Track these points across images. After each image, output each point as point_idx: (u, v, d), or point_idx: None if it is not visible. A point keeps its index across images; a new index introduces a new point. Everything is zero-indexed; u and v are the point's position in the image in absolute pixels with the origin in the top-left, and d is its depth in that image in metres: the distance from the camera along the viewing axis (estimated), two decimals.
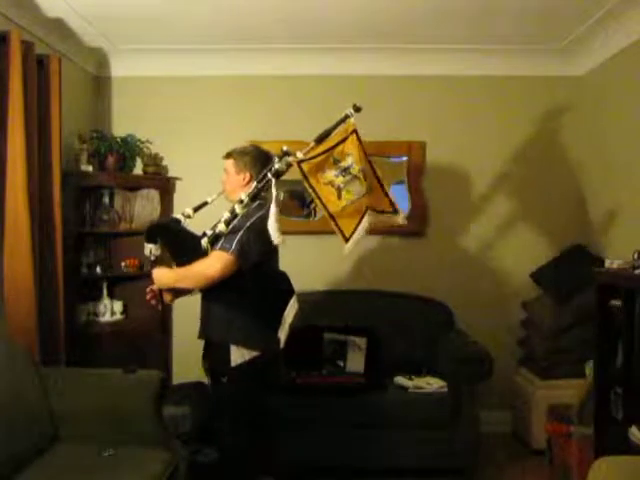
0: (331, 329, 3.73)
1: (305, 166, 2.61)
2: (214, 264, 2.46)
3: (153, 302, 2.68)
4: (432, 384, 3.48)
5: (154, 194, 4.08)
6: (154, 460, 2.45)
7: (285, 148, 2.63)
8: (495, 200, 4.23)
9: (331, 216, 2.65)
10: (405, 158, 4.22)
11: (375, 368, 3.61)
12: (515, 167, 4.21)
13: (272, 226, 2.45)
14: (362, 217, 2.70)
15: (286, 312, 2.60)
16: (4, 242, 2.92)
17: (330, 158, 2.66)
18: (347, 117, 2.70)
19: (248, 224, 2.50)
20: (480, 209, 4.24)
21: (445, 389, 3.44)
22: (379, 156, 4.17)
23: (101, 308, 3.90)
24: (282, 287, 2.66)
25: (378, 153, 4.16)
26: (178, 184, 4.21)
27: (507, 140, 4.22)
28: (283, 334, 2.59)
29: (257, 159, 2.68)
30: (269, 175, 2.54)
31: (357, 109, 2.70)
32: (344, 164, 2.67)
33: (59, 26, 3.56)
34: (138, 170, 4.12)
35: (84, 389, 2.71)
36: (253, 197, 2.56)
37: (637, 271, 2.71)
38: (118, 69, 4.27)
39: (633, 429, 2.56)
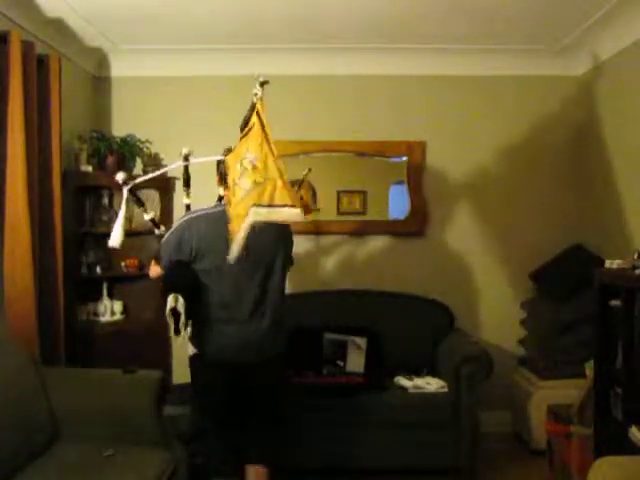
0: (331, 329, 3.74)
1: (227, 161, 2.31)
2: (150, 264, 2.69)
3: None
4: (432, 384, 3.48)
5: (154, 194, 4.07)
6: (154, 460, 2.45)
7: (227, 147, 2.54)
8: (495, 200, 4.24)
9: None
10: (405, 158, 4.22)
11: (375, 368, 3.61)
12: (515, 167, 4.21)
13: (117, 223, 2.56)
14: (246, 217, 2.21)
15: None
16: (4, 242, 2.92)
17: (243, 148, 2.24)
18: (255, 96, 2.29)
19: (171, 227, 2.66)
20: (480, 209, 4.24)
21: (445, 389, 3.44)
22: (379, 156, 4.19)
23: (101, 308, 3.90)
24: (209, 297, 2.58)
25: (378, 153, 4.18)
26: (178, 184, 4.20)
27: (507, 140, 4.22)
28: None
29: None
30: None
31: (262, 83, 2.26)
32: (242, 154, 2.23)
33: (59, 26, 3.56)
34: (138, 170, 4.11)
35: (84, 389, 2.71)
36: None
37: (637, 271, 2.71)
38: (118, 69, 4.27)
39: (633, 429, 2.56)
